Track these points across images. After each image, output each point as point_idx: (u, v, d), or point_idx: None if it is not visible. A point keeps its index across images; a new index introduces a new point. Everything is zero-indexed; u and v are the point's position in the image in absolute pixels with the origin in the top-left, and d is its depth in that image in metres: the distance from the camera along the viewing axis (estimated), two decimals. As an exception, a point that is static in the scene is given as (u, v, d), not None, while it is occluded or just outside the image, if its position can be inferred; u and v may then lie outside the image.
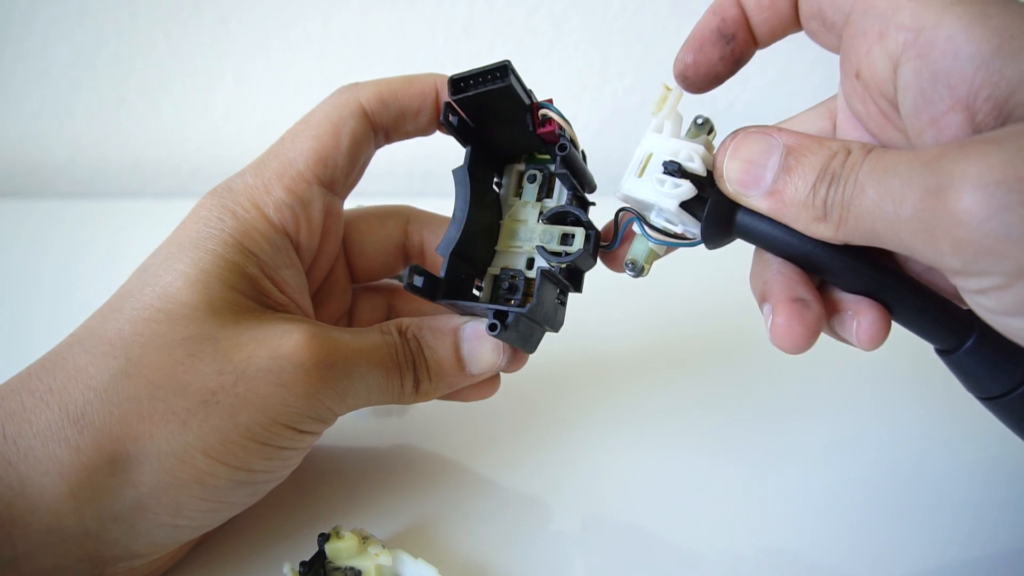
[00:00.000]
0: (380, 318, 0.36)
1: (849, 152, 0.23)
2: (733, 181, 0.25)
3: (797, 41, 0.28)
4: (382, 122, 0.31)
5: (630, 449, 0.36)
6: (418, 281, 0.27)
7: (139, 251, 0.29)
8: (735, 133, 0.26)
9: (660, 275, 0.31)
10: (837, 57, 0.27)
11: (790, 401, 0.40)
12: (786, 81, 0.70)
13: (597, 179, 0.31)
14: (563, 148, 0.28)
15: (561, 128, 0.29)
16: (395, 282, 0.38)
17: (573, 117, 0.30)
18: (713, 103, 0.70)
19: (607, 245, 0.30)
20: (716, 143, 0.27)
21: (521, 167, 0.32)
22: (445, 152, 0.34)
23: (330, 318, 0.34)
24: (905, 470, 0.35)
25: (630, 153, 0.28)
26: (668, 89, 0.28)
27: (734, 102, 0.71)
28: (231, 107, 0.71)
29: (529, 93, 0.29)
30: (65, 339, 0.27)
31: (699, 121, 0.27)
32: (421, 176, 0.75)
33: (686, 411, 0.39)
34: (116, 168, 0.74)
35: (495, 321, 0.27)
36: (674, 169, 0.26)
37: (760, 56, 0.28)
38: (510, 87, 0.28)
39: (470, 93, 0.28)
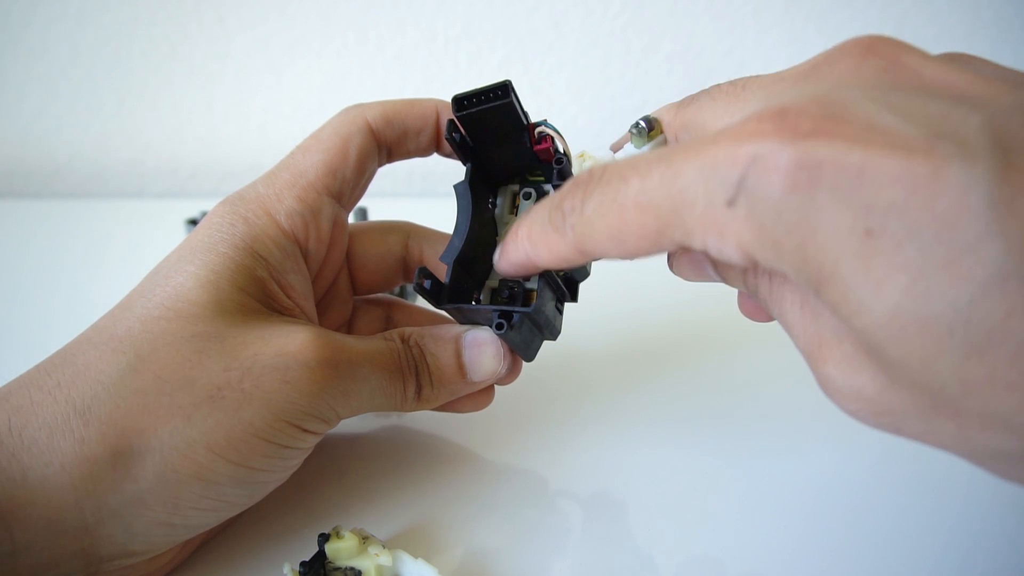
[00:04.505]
0: (379, 329, 0.37)
1: (755, 274, 0.24)
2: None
3: (797, 42, 0.28)
4: (386, 139, 0.32)
5: (635, 446, 0.36)
6: (427, 283, 0.28)
7: (139, 251, 0.29)
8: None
9: (655, 271, 0.31)
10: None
11: (789, 391, 0.40)
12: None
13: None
14: (559, 161, 0.30)
15: (556, 144, 0.30)
16: (393, 297, 0.39)
17: (573, 117, 0.31)
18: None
19: None
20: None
21: (516, 188, 0.33)
22: (445, 152, 0.34)
23: (331, 327, 0.35)
24: (902, 459, 0.35)
25: (630, 152, 0.28)
26: (583, 156, 0.29)
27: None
28: (231, 107, 0.71)
29: (526, 114, 0.31)
30: (76, 338, 0.27)
31: (639, 128, 0.27)
32: (421, 176, 0.75)
33: (690, 406, 0.39)
34: (116, 168, 0.74)
35: (501, 320, 0.28)
36: None
37: (759, 56, 0.28)
38: (510, 104, 0.29)
39: (472, 110, 0.30)
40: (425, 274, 0.28)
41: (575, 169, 0.29)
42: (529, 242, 0.26)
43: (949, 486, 0.33)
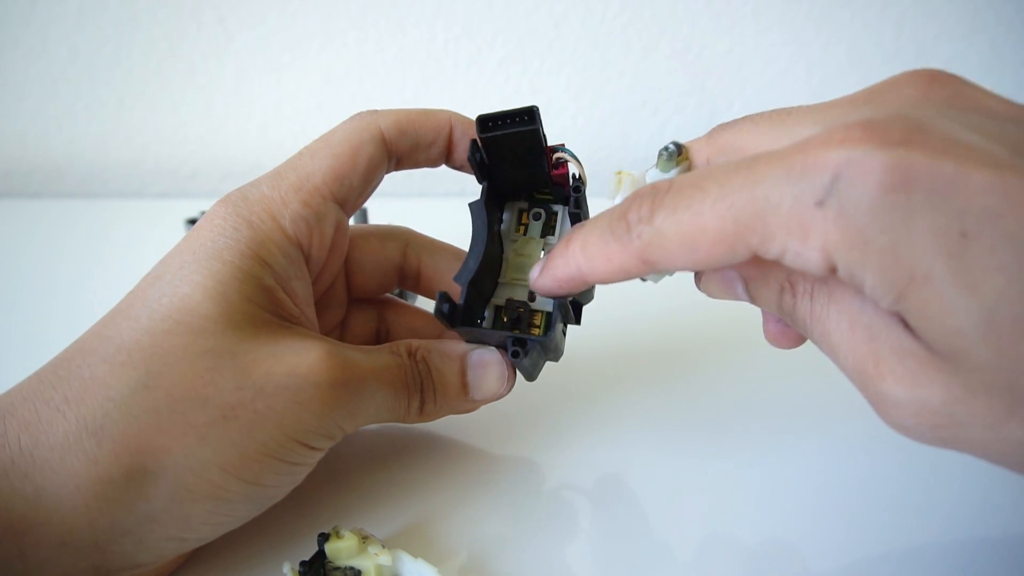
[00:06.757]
0: (371, 330, 0.37)
1: (794, 294, 0.24)
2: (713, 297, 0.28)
3: (797, 42, 0.28)
4: (397, 149, 0.32)
5: (637, 447, 0.36)
6: (445, 308, 0.29)
7: (139, 251, 0.29)
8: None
9: (659, 283, 0.31)
10: (839, 55, 0.27)
11: (791, 397, 0.40)
12: (785, 81, 0.70)
13: (598, 180, 0.32)
14: (578, 190, 0.30)
15: (572, 170, 0.31)
16: (387, 296, 0.39)
17: (573, 116, 0.31)
18: (712, 103, 0.70)
19: None
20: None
21: (523, 204, 0.33)
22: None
23: (325, 328, 0.35)
24: (902, 462, 0.35)
25: (631, 152, 0.28)
26: (620, 174, 0.28)
27: (733, 103, 0.71)
28: (231, 107, 0.71)
29: (545, 137, 0.30)
30: (75, 345, 0.27)
31: (668, 152, 0.27)
32: (420, 176, 0.75)
33: (693, 406, 0.39)
34: (116, 168, 0.74)
35: (516, 348, 0.29)
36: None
37: (759, 55, 0.28)
38: (536, 131, 0.29)
39: (498, 133, 0.29)
40: (445, 299, 0.28)
41: (612, 187, 0.29)
42: (584, 255, 0.25)
43: (944, 482, 0.33)
